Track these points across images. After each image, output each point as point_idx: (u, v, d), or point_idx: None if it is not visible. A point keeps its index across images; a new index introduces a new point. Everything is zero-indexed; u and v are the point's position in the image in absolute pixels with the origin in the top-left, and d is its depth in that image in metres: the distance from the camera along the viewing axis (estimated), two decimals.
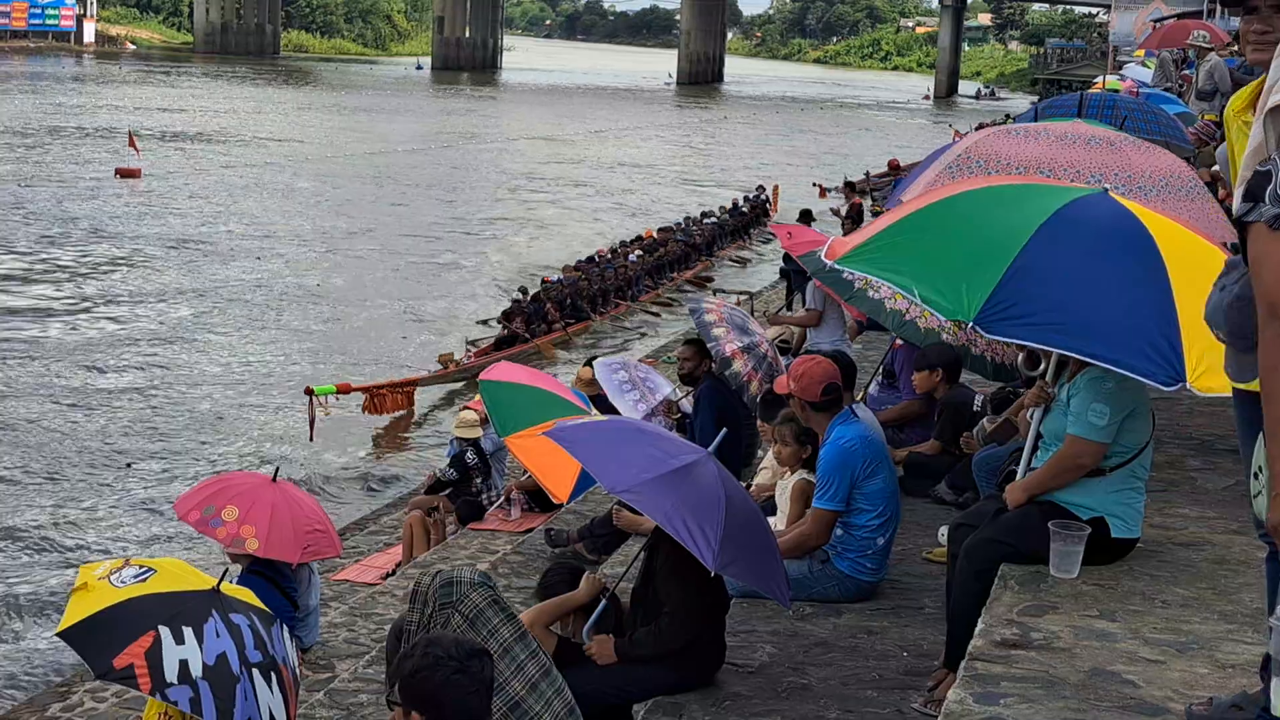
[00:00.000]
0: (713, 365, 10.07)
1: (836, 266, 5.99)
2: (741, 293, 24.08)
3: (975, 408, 8.65)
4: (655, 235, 30.32)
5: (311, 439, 16.35)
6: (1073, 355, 5.21)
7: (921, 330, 8.66)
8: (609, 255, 27.60)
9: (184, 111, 60.17)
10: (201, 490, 8.63)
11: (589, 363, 12.73)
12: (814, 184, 43.37)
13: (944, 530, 7.08)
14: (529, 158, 52.11)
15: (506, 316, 22.79)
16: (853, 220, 26.02)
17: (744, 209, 35.96)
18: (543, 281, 24.86)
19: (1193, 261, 5.21)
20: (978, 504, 6.64)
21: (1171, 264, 5.15)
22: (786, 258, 18.66)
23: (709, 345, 10.00)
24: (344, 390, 17.52)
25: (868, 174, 44.46)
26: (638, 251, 27.94)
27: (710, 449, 5.87)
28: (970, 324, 5.15)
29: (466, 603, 4.90)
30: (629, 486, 5.69)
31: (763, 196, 38.09)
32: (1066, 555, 5.13)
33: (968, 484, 7.82)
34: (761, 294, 23.95)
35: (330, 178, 42.30)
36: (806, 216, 24.11)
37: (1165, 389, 4.96)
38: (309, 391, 16.54)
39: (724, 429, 6.34)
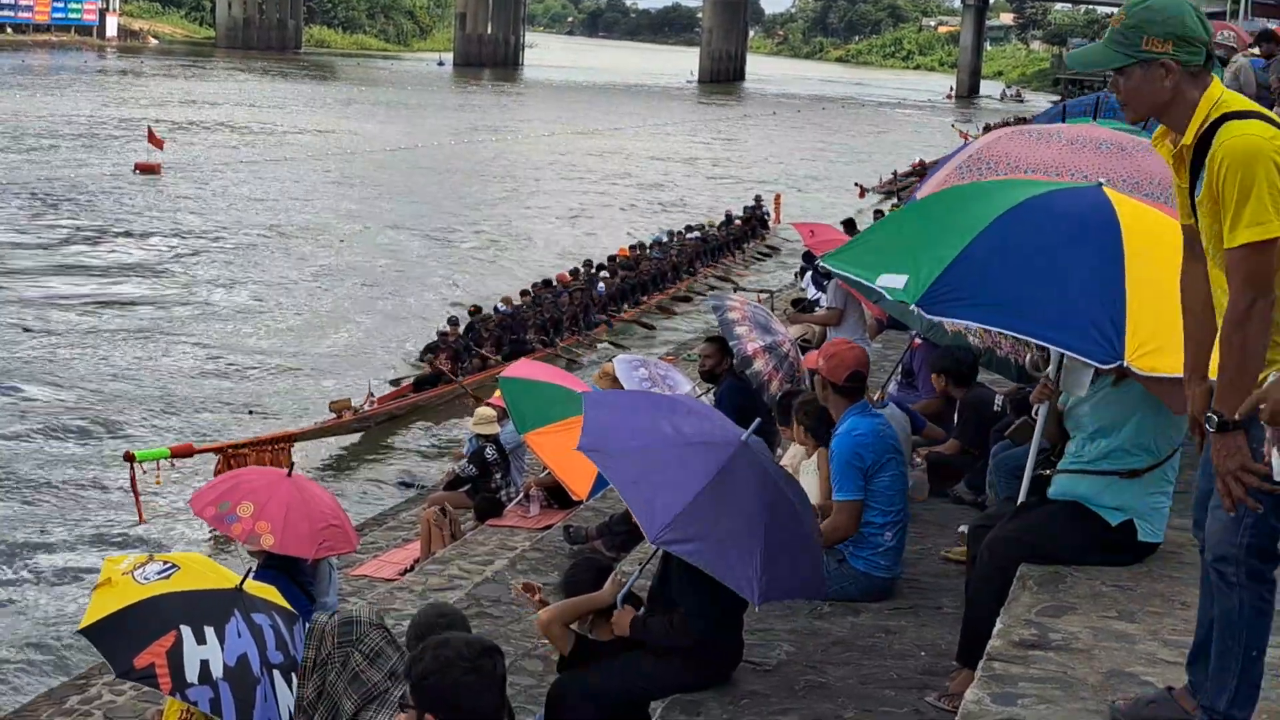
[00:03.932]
0: (733, 363, 10.07)
1: (823, 264, 6.25)
2: (762, 291, 24.06)
3: (995, 408, 8.65)
4: (628, 253, 27.77)
5: (141, 518, 13.14)
6: (1008, 332, 5.37)
7: (949, 332, 8.65)
8: (570, 278, 24.57)
9: (206, 105, 60.35)
10: (217, 485, 8.65)
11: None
12: (855, 183, 43.24)
13: (963, 530, 7.07)
14: (551, 154, 52.14)
15: (430, 352, 20.03)
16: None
17: (736, 221, 33.29)
18: (471, 310, 21.78)
19: (1165, 252, 5.29)
20: (996, 505, 6.64)
21: (1133, 252, 5.26)
22: (807, 255, 18.68)
23: (731, 344, 9.98)
24: (182, 453, 14.27)
25: (895, 173, 44.40)
26: (604, 274, 25.23)
27: (745, 435, 5.86)
28: (913, 305, 5.30)
29: (367, 641, 4.87)
30: (593, 445, 5.69)
31: (761, 209, 35.13)
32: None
33: (986, 484, 7.81)
34: (781, 292, 23.91)
35: (348, 175, 42.37)
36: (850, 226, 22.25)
37: (1102, 366, 5.10)
38: (129, 458, 13.32)
39: (757, 419, 6.31)
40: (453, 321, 20.70)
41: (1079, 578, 5.20)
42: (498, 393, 12.39)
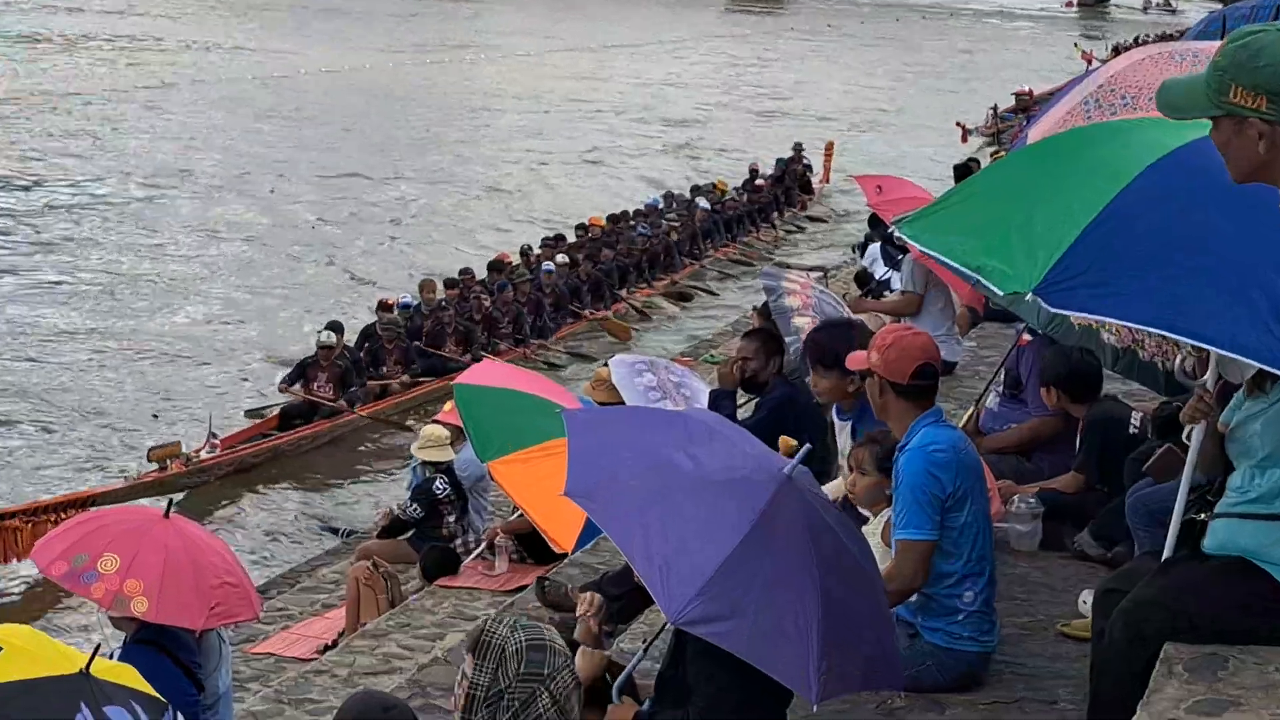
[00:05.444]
0: (782, 366, 9.93)
1: (897, 234, 6.25)
2: (815, 268, 23.86)
3: (1132, 430, 8.60)
4: (602, 223, 26.74)
5: None
6: (1159, 332, 5.32)
7: (1076, 327, 8.60)
8: (513, 260, 23.80)
9: (69, 12, 60.43)
10: (70, 531, 8.52)
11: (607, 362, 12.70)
12: (957, 123, 43.01)
13: (1086, 596, 7.05)
14: (529, 81, 52.20)
15: (301, 372, 18.98)
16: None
17: (762, 180, 31.44)
18: (380, 306, 20.85)
19: None
20: (1133, 561, 6.61)
21: None
22: (873, 220, 18.64)
23: (786, 338, 9.89)
24: None
25: (994, 109, 44.12)
26: (561, 256, 23.85)
27: (789, 467, 5.73)
28: (1030, 296, 5.26)
29: (560, 680, 4.86)
30: (583, 489, 5.67)
31: (802, 163, 33.51)
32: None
33: (1119, 534, 7.78)
34: (839, 270, 23.80)
35: (261, 107, 42.49)
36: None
37: None
38: None
39: (806, 445, 6.21)
40: (335, 327, 19.48)
41: (1245, 661, 5.17)
42: (450, 405, 12.31)
